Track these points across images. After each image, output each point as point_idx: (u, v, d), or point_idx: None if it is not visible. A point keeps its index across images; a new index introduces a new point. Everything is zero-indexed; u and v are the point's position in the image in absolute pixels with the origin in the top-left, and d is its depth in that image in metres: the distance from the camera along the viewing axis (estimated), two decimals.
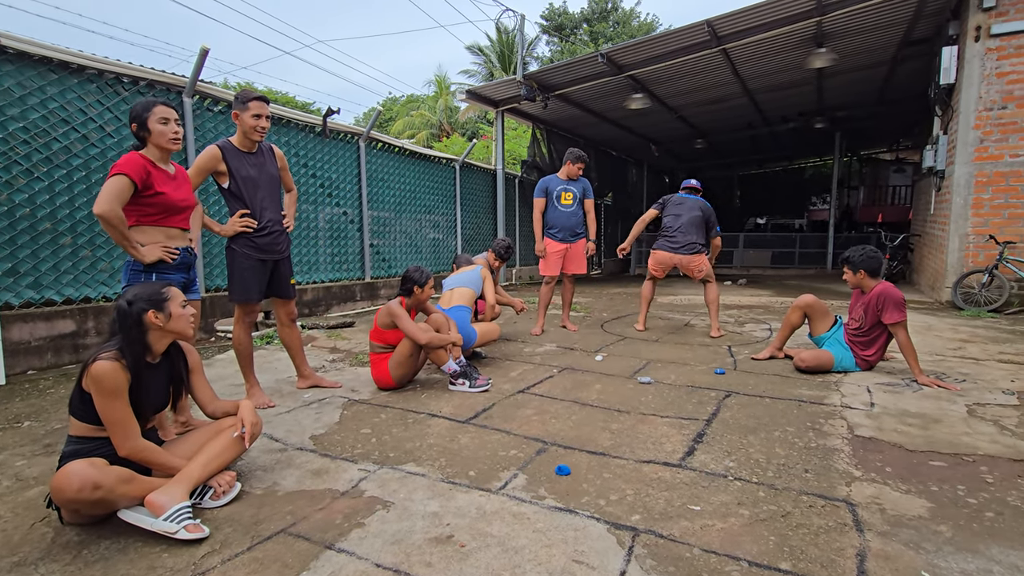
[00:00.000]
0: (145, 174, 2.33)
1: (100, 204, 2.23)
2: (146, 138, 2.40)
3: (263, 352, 4.36)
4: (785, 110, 11.60)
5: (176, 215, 2.49)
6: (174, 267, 2.48)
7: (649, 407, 2.97)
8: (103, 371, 1.75)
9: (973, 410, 2.88)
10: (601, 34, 25.70)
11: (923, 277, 8.50)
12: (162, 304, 1.93)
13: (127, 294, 1.93)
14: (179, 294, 2.03)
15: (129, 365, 1.81)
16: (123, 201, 2.28)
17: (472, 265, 4.45)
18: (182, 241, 2.54)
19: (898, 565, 1.56)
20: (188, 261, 2.57)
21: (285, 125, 5.96)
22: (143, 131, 2.39)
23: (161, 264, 2.43)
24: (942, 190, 7.24)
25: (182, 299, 2.02)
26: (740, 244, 14.32)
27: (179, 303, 1.99)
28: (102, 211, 2.23)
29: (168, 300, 1.96)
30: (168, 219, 2.47)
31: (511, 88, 9.03)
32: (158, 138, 2.39)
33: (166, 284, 2.02)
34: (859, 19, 6.93)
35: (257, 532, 1.77)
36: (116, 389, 1.76)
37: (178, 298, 2.00)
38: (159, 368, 1.99)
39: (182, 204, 2.51)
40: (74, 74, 4.08)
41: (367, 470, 2.22)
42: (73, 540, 1.74)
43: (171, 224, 2.49)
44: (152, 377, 1.94)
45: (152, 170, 2.37)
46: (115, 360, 1.78)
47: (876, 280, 3.54)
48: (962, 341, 4.61)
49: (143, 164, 2.33)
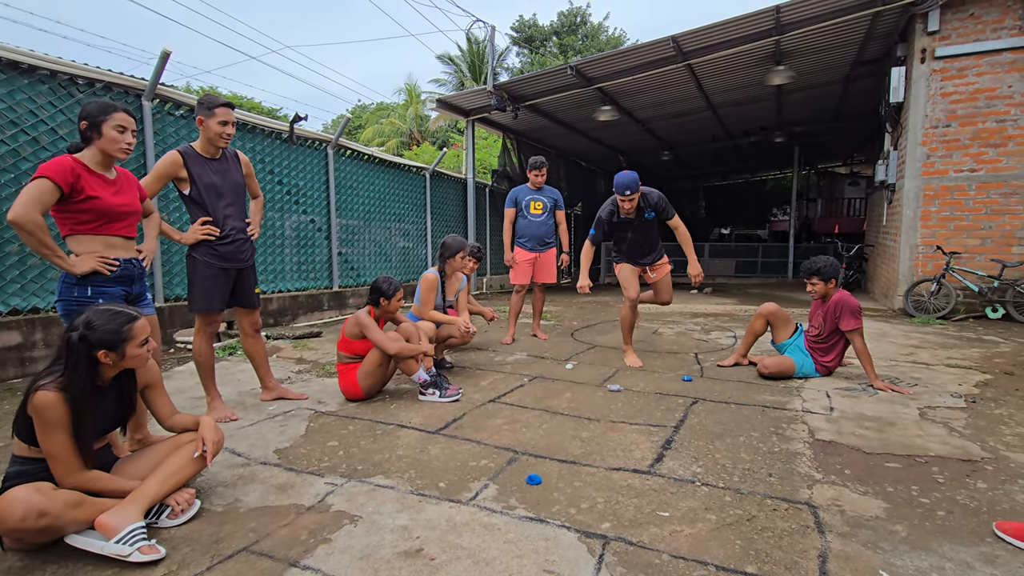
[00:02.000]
0: (73, 178, 2.14)
1: (15, 209, 2.04)
2: (93, 139, 2.23)
3: (225, 364, 4.22)
4: (747, 124, 12.02)
5: (117, 222, 2.30)
6: (114, 279, 2.29)
7: (619, 415, 3.00)
8: (43, 403, 1.64)
9: (924, 413, 3.02)
10: (570, 47, 26.13)
11: (877, 286, 8.88)
12: (118, 346, 1.78)
13: (80, 324, 1.75)
14: (142, 330, 1.85)
15: (70, 400, 1.68)
16: (43, 206, 2.09)
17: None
18: (125, 251, 2.35)
19: (857, 565, 1.61)
20: (131, 273, 2.36)
21: (251, 131, 5.83)
22: (93, 132, 2.23)
23: (97, 276, 2.23)
24: (893, 203, 7.60)
25: (144, 336, 1.86)
26: (706, 254, 14.68)
27: (138, 343, 1.83)
28: (15, 216, 2.03)
29: (126, 342, 1.79)
30: (107, 227, 2.28)
31: (481, 98, 9.08)
32: (108, 144, 2.23)
33: (130, 319, 1.82)
34: (815, 39, 7.26)
35: (217, 551, 1.70)
36: (57, 422, 1.66)
37: (139, 337, 1.83)
38: (109, 390, 1.87)
39: (122, 209, 2.31)
40: (24, 74, 3.90)
41: (334, 484, 2.17)
42: (16, 566, 1.63)
43: (111, 232, 2.29)
44: (101, 399, 1.83)
45: (84, 173, 2.18)
46: (58, 391, 1.67)
47: (836, 289, 3.68)
48: (913, 347, 4.82)
49: (70, 167, 2.14)
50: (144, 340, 1.86)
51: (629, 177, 3.92)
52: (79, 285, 2.22)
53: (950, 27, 6.33)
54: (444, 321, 3.90)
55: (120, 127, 2.25)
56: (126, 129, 2.28)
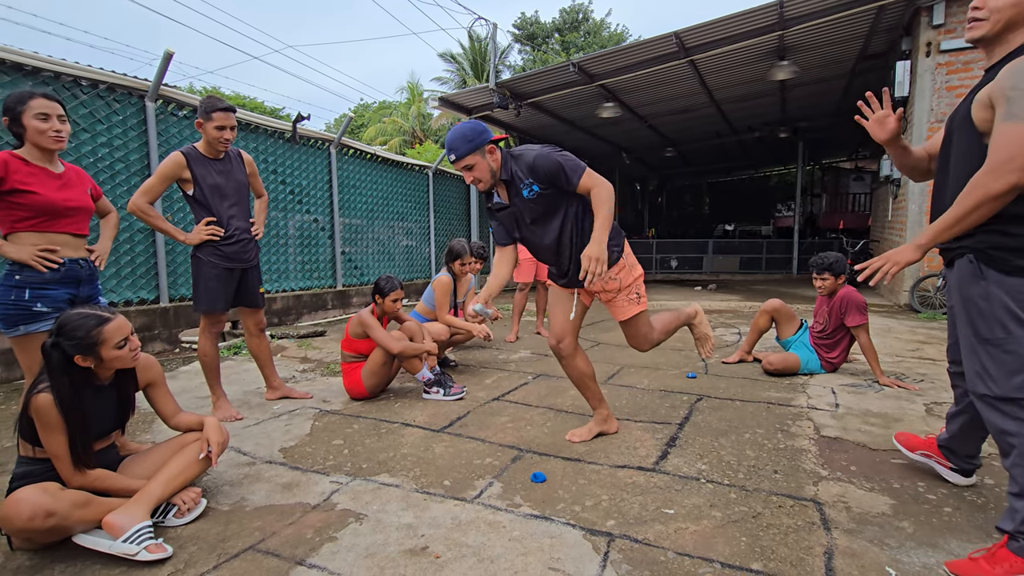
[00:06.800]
0: (3, 170, 2.05)
1: None
2: (22, 135, 2.12)
3: (230, 363, 4.24)
4: (751, 120, 11.95)
5: (61, 219, 2.19)
6: (57, 280, 2.18)
7: (623, 412, 3.00)
8: (39, 406, 1.65)
9: (931, 409, 3.00)
10: (572, 44, 26.05)
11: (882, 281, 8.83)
12: (91, 350, 1.72)
13: (55, 329, 1.71)
14: (117, 332, 1.75)
15: (58, 403, 1.67)
16: None
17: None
18: (73, 251, 2.23)
19: (864, 562, 1.61)
20: (77, 274, 2.26)
21: (254, 131, 5.84)
22: (15, 126, 2.10)
23: (34, 276, 2.12)
24: (898, 198, 7.56)
25: (121, 338, 1.76)
26: (710, 250, 14.64)
27: (112, 346, 1.75)
28: None
29: (98, 346, 1.73)
30: (49, 223, 2.16)
31: (484, 96, 9.06)
32: (34, 136, 2.10)
33: (100, 322, 1.73)
34: (818, 34, 7.21)
35: (224, 550, 1.71)
36: (55, 424, 1.67)
37: (114, 339, 1.75)
38: (108, 390, 1.87)
39: (66, 205, 2.19)
40: (28, 76, 3.92)
41: (339, 482, 2.18)
42: (24, 565, 1.65)
43: (56, 229, 2.18)
44: (99, 400, 1.83)
45: (21, 167, 2.09)
46: (51, 394, 1.67)
47: (842, 284, 3.66)
48: (919, 342, 4.80)
49: (2, 160, 2.05)
50: (121, 341, 1.78)
51: (456, 132, 2.22)
52: (18, 287, 2.12)
53: (955, 20, 6.27)
54: (462, 328, 3.91)
55: (42, 115, 2.10)
56: (49, 116, 2.12)
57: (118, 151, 4.53)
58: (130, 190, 4.50)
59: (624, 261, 2.39)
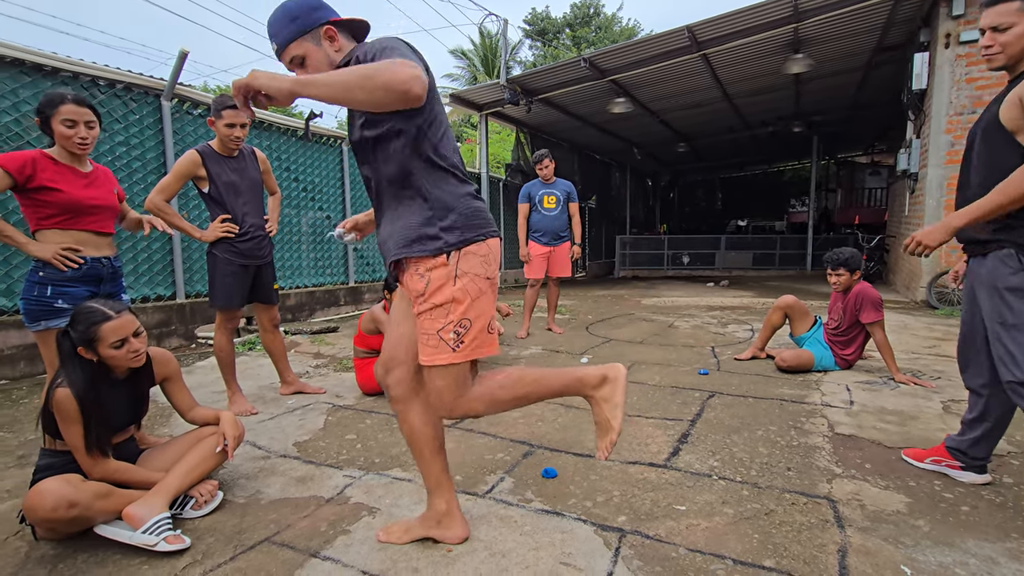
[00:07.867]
0: (32, 168, 2.09)
1: None
2: (52, 136, 2.20)
3: (245, 358, 4.30)
4: (764, 114, 11.80)
5: (86, 216, 2.24)
6: (77, 278, 2.22)
7: (634, 408, 2.99)
8: (59, 399, 1.70)
9: (948, 407, 2.95)
10: (583, 39, 25.90)
11: (898, 277, 8.69)
12: (89, 344, 1.75)
13: (71, 316, 1.78)
14: (113, 332, 1.75)
15: (74, 396, 1.71)
16: None
17: None
18: (95, 249, 2.28)
19: (878, 560, 1.59)
20: (99, 273, 2.30)
21: (266, 129, 5.90)
22: (46, 128, 2.17)
23: (56, 273, 2.17)
24: (916, 192, 7.42)
25: (117, 338, 1.76)
26: (722, 246, 14.50)
27: (109, 345, 1.75)
28: None
29: (95, 341, 1.74)
30: (73, 221, 2.21)
31: (495, 92, 9.05)
32: (60, 140, 2.18)
33: (97, 320, 1.73)
34: (834, 26, 7.09)
35: (240, 541, 1.74)
36: (73, 417, 1.71)
37: (109, 338, 1.74)
38: (123, 385, 1.90)
39: (90, 203, 2.24)
40: (48, 76, 3.99)
41: (352, 476, 2.20)
42: (48, 554, 1.69)
43: (81, 227, 2.23)
44: (114, 394, 1.86)
45: (49, 165, 2.15)
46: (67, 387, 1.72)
47: (857, 280, 3.61)
48: (937, 339, 4.72)
49: (30, 158, 2.11)
50: (118, 342, 1.76)
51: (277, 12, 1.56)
52: (41, 284, 2.18)
53: (975, 11, 6.12)
54: None
55: (68, 121, 2.16)
56: (76, 123, 2.17)
57: (135, 149, 4.60)
58: (147, 188, 4.57)
59: (453, 263, 1.45)
